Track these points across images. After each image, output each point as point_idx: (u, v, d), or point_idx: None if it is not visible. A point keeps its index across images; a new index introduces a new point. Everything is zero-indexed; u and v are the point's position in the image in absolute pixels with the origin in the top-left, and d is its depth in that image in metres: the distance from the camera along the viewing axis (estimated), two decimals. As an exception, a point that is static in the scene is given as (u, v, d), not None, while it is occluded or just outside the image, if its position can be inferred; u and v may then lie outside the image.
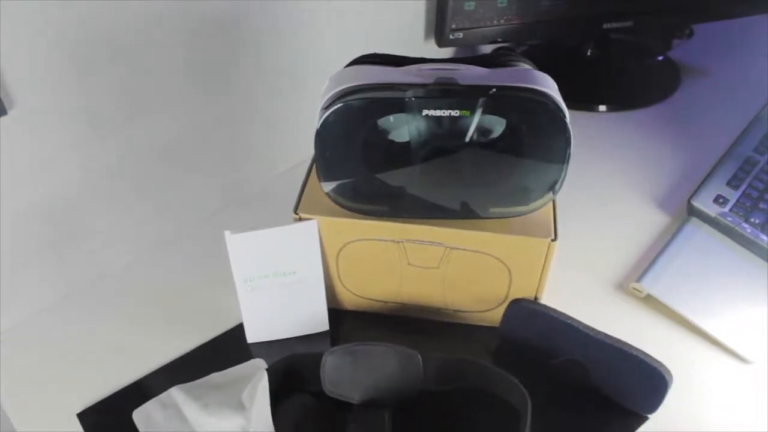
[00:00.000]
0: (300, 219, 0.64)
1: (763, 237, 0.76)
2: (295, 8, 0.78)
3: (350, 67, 0.60)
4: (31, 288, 0.73)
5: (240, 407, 0.62)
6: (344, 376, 0.64)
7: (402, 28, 0.94)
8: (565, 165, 0.58)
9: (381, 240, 0.64)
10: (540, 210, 0.62)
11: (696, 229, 0.80)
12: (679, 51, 1.09)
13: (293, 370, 0.65)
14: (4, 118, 0.61)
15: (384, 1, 0.87)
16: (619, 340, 0.62)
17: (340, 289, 0.70)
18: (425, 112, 0.55)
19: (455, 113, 0.55)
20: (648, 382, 0.61)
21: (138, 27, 0.66)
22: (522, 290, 0.66)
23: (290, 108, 0.86)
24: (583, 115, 1.00)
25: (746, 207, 0.80)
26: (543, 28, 0.95)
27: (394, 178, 0.60)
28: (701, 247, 0.78)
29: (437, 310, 0.70)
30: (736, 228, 0.77)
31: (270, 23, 0.77)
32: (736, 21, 1.03)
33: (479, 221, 0.62)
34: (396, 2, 0.89)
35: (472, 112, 0.55)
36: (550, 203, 0.63)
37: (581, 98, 1.01)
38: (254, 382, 0.63)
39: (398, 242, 0.64)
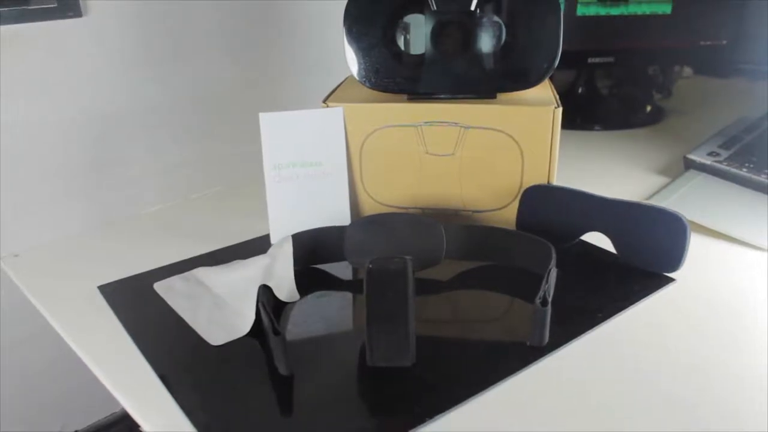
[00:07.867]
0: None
1: (761, 176, 0.80)
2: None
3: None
4: (74, 207, 0.77)
5: (265, 256, 0.62)
6: (366, 245, 0.65)
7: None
8: (558, 39, 0.67)
9: (401, 126, 0.70)
10: (540, 88, 0.69)
11: (695, 175, 0.84)
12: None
13: (317, 241, 0.66)
14: (78, 20, 0.71)
15: None
16: (633, 201, 0.64)
17: (362, 196, 0.74)
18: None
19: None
20: (667, 232, 0.62)
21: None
22: (534, 176, 0.70)
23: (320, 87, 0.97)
24: (582, 133, 1.10)
25: (739, 159, 0.85)
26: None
27: (413, 52, 0.68)
28: (701, 183, 0.82)
29: (455, 213, 0.73)
30: (733, 170, 0.82)
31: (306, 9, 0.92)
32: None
33: (489, 102, 0.69)
34: None
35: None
36: (548, 84, 0.71)
37: (578, 123, 1.13)
38: (279, 242, 0.64)
39: (417, 126, 0.69)
